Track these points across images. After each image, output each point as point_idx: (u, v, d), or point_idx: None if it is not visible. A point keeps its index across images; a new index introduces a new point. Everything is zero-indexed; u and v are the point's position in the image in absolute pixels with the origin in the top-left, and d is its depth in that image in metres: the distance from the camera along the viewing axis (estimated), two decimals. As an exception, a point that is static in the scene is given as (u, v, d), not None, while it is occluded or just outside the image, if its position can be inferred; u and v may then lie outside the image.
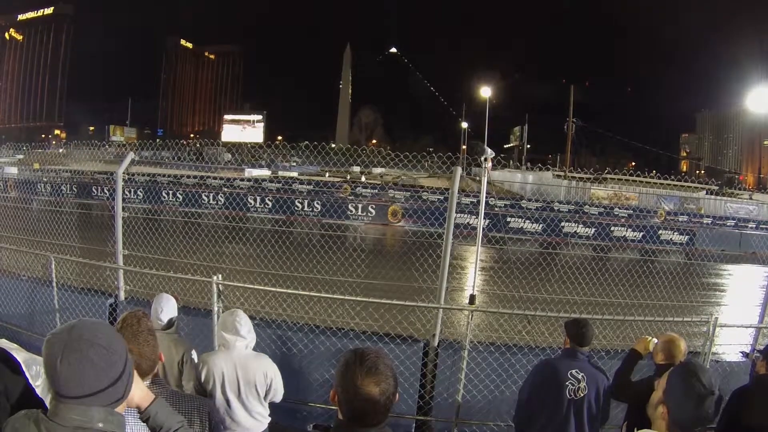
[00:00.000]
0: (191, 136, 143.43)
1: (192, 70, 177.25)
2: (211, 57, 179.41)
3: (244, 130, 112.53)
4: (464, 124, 74.27)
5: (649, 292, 8.66)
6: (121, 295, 6.14)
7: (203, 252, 8.22)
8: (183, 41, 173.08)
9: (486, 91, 56.57)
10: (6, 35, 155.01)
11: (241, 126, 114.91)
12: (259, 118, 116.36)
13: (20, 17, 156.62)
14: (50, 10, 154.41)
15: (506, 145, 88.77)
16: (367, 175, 40.26)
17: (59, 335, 1.49)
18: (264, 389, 3.57)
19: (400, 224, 25.10)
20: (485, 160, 5.34)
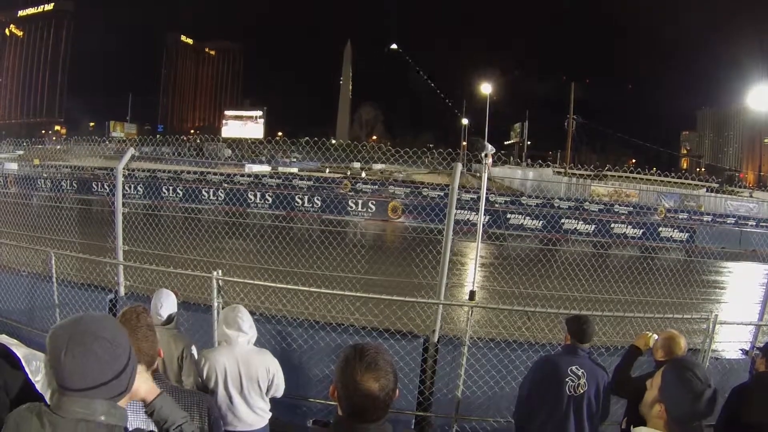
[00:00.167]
0: (191, 132, 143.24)
1: (192, 66, 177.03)
2: (212, 53, 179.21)
3: (245, 126, 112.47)
4: (464, 121, 74.19)
5: (649, 289, 8.64)
6: (121, 291, 6.14)
7: (203, 248, 8.22)
8: (183, 37, 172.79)
9: (486, 88, 56.42)
10: (6, 31, 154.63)
11: (242, 122, 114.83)
12: (259, 114, 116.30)
13: (20, 13, 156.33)
14: (50, 6, 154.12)
15: (507, 142, 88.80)
16: (368, 171, 40.25)
17: (64, 328, 1.49)
18: (266, 384, 3.57)
19: (400, 220, 25.11)
20: (486, 156, 5.32)
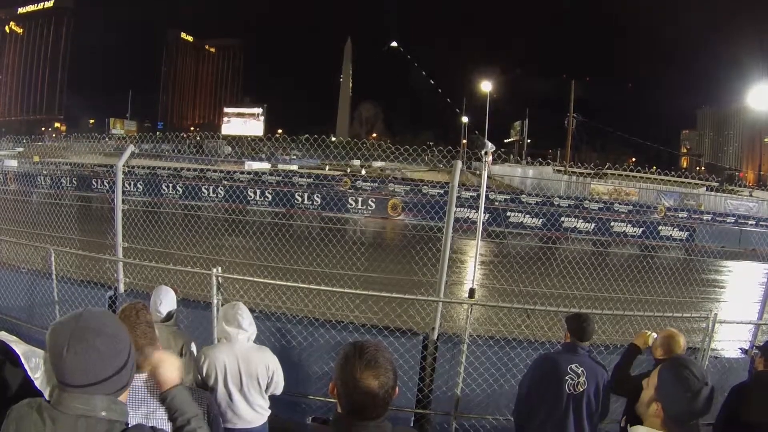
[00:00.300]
0: (191, 129, 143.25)
1: (192, 64, 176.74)
2: (212, 50, 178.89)
3: (246, 123, 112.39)
4: (465, 119, 74.13)
5: (649, 288, 8.66)
6: (121, 288, 6.13)
7: (203, 245, 8.23)
8: (183, 34, 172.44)
9: (486, 86, 56.41)
10: (6, 28, 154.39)
11: (243, 119, 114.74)
12: (259, 112, 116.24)
13: (20, 10, 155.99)
14: (50, 3, 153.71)
15: (506, 140, 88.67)
16: (368, 168, 40.22)
17: (65, 324, 1.49)
18: (266, 382, 3.57)
19: (399, 218, 25.08)
20: (486, 153, 5.31)
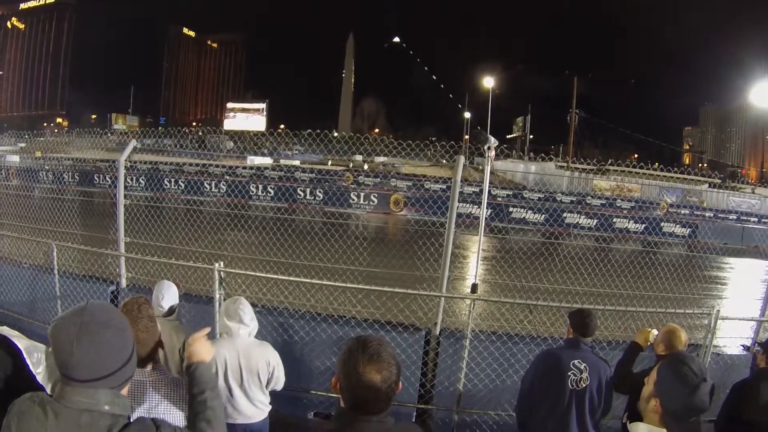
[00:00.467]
0: (193, 124, 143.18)
1: (194, 59, 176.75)
2: (214, 46, 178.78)
3: (248, 118, 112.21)
4: (467, 114, 74.03)
5: (651, 284, 8.64)
6: (123, 283, 6.14)
7: (205, 239, 8.23)
8: (185, 30, 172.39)
9: (489, 82, 56.31)
10: (8, 24, 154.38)
11: (245, 114, 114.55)
12: (263, 107, 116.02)
13: (22, 6, 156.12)
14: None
15: (509, 136, 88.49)
16: (370, 163, 40.16)
17: (70, 319, 1.48)
18: (266, 377, 3.56)
19: (402, 213, 25.04)
20: (488, 148, 5.28)
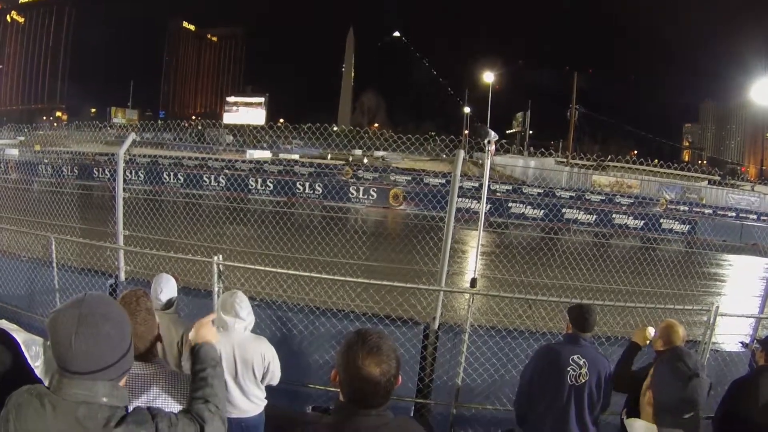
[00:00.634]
0: (193, 118, 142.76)
1: (194, 53, 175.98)
2: (214, 39, 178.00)
3: (248, 112, 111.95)
4: (467, 109, 73.93)
5: (650, 280, 8.65)
6: (122, 276, 6.13)
7: (204, 233, 8.23)
8: (185, 23, 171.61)
9: (489, 77, 56.19)
10: (8, 18, 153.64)
11: (245, 108, 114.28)
12: (263, 101, 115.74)
13: (21, 0, 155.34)
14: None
15: (509, 131, 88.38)
16: (369, 158, 40.14)
17: (68, 311, 1.46)
18: (261, 372, 3.55)
19: (401, 207, 25.02)
20: (488, 142, 5.24)
